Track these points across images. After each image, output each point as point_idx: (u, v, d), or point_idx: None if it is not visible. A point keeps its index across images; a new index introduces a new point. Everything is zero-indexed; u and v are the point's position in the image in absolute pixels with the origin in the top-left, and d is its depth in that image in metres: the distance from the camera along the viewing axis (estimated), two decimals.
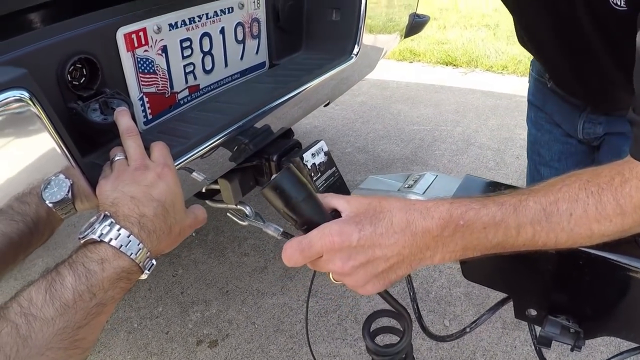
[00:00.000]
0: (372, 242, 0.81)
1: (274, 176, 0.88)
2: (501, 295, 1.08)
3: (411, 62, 6.65)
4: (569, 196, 0.79)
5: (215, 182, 1.41)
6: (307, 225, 0.87)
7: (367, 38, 2.06)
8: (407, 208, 0.83)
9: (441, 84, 5.66)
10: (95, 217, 0.85)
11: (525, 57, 5.99)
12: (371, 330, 1.00)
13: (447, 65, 6.41)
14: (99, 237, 0.82)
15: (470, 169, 3.77)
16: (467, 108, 4.85)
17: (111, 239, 0.83)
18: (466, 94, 5.24)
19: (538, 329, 1.00)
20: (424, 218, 0.82)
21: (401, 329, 0.99)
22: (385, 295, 0.96)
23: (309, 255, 0.84)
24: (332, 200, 0.89)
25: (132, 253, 0.84)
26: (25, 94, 0.88)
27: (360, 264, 0.82)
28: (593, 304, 0.93)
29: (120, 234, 0.84)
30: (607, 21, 1.05)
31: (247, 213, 1.39)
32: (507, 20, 7.97)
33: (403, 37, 2.81)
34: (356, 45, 1.97)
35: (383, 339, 0.99)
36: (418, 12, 2.89)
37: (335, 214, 0.88)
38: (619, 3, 0.96)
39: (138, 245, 0.85)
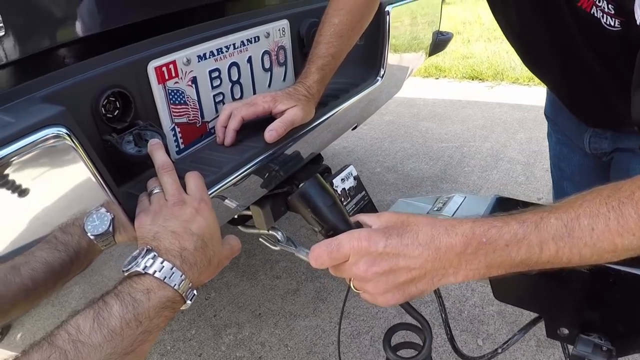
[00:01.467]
0: (397, 251, 0.84)
1: (301, 184, 0.92)
2: (533, 313, 1.09)
3: (437, 79, 6.66)
4: (590, 211, 0.80)
5: (248, 208, 1.43)
6: (333, 231, 0.91)
7: (392, 58, 2.08)
8: (433, 224, 0.86)
9: (468, 99, 5.66)
10: (137, 251, 0.88)
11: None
12: (394, 345, 1.02)
13: (473, 79, 6.41)
14: (143, 269, 0.86)
15: (500, 184, 3.75)
16: (494, 122, 4.84)
17: (155, 271, 0.86)
18: (493, 108, 5.23)
19: (571, 347, 1.00)
20: (448, 234, 0.84)
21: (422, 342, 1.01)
22: (405, 305, 0.98)
23: (336, 257, 0.87)
24: (364, 218, 0.93)
25: (175, 284, 0.87)
26: (63, 131, 0.91)
27: (383, 271, 0.85)
28: (625, 321, 0.93)
29: (163, 267, 0.87)
30: (602, 42, 1.06)
31: (279, 238, 1.41)
32: None
33: (427, 56, 2.82)
34: (381, 68, 1.99)
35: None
36: (441, 28, 2.90)
37: (361, 225, 0.92)
38: (612, 24, 0.97)
39: (181, 276, 0.88)
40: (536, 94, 5.53)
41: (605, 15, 0.98)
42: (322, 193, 0.92)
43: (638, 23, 0.88)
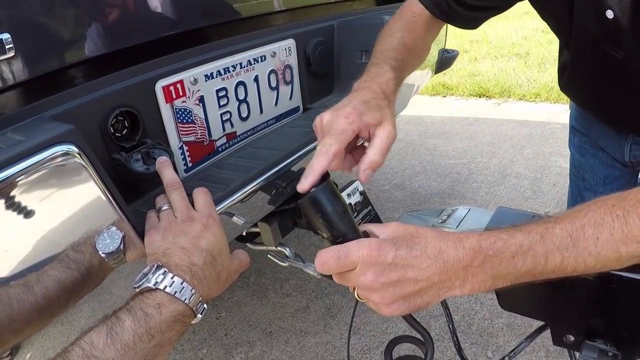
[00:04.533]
0: (406, 262, 0.84)
1: (312, 189, 0.92)
2: (540, 321, 1.09)
3: (444, 96, 6.67)
4: (595, 221, 0.81)
5: (255, 225, 1.44)
6: (342, 238, 0.91)
7: None
8: (441, 237, 0.86)
9: (475, 116, 5.67)
10: (148, 268, 0.90)
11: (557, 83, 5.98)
12: (396, 358, 1.03)
13: (480, 97, 6.41)
14: (154, 285, 0.87)
15: (508, 199, 3.75)
16: (502, 139, 4.85)
17: (166, 287, 0.88)
18: (500, 125, 5.23)
19: (577, 354, 1.00)
20: (455, 248, 0.84)
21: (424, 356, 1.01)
22: (408, 318, 0.99)
23: (344, 264, 0.86)
24: (371, 227, 0.93)
25: (185, 298, 0.89)
26: (73, 148, 0.92)
27: (391, 281, 0.85)
28: (629, 326, 0.94)
29: (174, 282, 0.88)
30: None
31: (287, 254, 1.42)
32: (537, 47, 7.98)
33: (434, 73, 2.83)
34: None
35: None
36: (448, 46, 2.92)
37: (368, 234, 0.92)
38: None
39: (191, 291, 0.90)
40: (542, 110, 5.54)
41: None
42: (333, 199, 0.92)
43: None
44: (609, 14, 1.10)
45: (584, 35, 1.24)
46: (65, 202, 0.96)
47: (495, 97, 6.31)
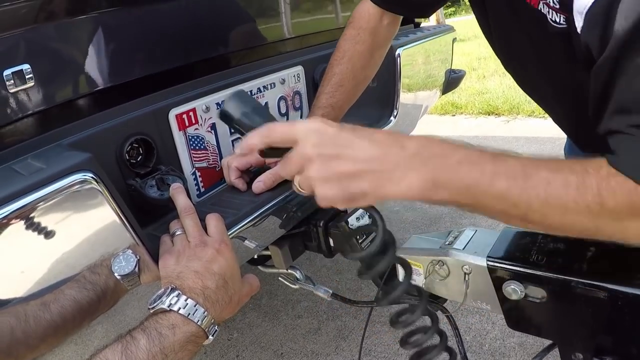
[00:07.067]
0: (347, 142, 0.84)
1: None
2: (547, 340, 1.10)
3: (454, 115, 6.69)
4: (553, 167, 0.78)
5: (267, 248, 1.46)
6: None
7: (406, 97, 2.11)
8: (391, 131, 0.87)
9: (485, 134, 5.68)
10: (162, 290, 0.93)
11: None
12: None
13: (489, 115, 6.42)
14: (168, 306, 0.90)
15: None
16: None
17: (179, 308, 0.90)
18: (510, 142, 5.23)
19: None
20: (403, 137, 0.83)
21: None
22: (371, 210, 0.93)
23: (288, 132, 0.87)
24: None
25: (198, 320, 0.91)
26: (90, 176, 0.96)
27: (329, 154, 0.84)
28: (637, 343, 0.94)
29: (187, 304, 0.91)
30: (547, 43, 1.03)
31: (298, 277, 1.44)
32: None
33: (441, 93, 2.85)
34: (394, 109, 2.03)
35: None
36: (455, 64, 2.94)
37: None
38: (557, 20, 0.93)
39: (203, 313, 0.92)
40: (552, 126, 5.51)
41: (550, 11, 0.94)
42: (241, 102, 0.96)
43: (579, 31, 0.84)
44: None
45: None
46: (83, 226, 1.00)
47: (504, 115, 6.32)
